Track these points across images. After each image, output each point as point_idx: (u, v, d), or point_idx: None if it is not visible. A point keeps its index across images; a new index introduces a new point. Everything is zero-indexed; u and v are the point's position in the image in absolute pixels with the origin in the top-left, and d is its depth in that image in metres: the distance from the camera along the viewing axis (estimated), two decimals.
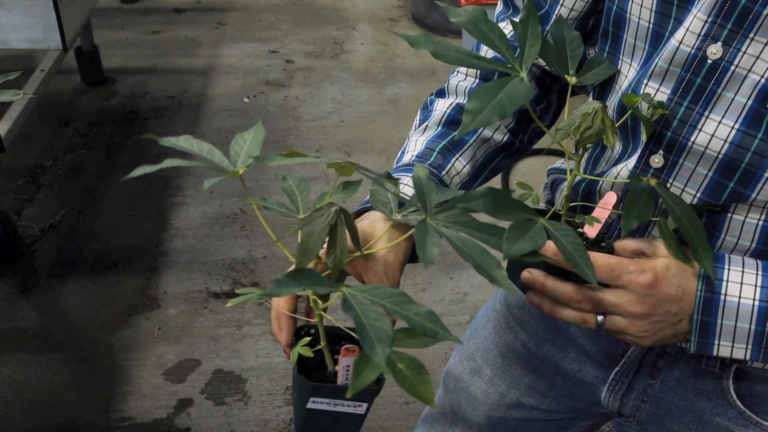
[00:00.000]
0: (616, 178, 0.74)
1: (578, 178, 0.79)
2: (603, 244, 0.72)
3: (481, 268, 0.57)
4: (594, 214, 0.73)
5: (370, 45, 3.71)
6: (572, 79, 0.72)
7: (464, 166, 0.83)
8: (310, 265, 0.63)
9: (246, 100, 3.16)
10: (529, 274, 0.70)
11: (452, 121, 0.84)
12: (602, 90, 0.80)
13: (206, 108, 3.08)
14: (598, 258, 0.66)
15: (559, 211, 0.72)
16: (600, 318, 0.69)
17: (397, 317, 0.55)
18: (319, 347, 0.66)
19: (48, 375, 1.88)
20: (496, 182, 2.71)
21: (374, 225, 0.72)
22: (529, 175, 2.75)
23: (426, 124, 0.85)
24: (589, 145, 0.66)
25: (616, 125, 0.72)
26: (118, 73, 3.32)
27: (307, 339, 0.67)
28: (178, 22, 3.89)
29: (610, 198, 0.73)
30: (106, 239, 2.35)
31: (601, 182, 0.76)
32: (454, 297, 2.19)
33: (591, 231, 0.72)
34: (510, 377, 0.96)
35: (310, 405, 0.64)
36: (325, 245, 0.63)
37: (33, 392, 1.83)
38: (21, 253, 2.25)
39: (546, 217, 0.70)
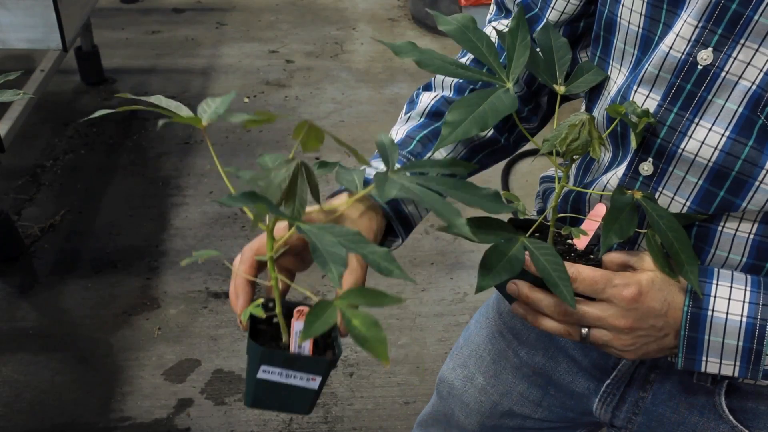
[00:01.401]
0: (605, 186, 0.73)
1: (567, 188, 0.78)
2: (591, 256, 0.71)
3: (441, 214, 0.56)
4: (583, 226, 0.72)
5: (370, 45, 3.71)
6: (560, 89, 0.71)
7: (449, 153, 0.82)
8: (269, 221, 0.62)
9: (246, 100, 3.16)
10: (515, 285, 0.69)
11: (435, 112, 0.83)
12: (592, 96, 0.79)
13: None
14: (582, 270, 0.66)
15: (548, 221, 0.72)
16: (584, 331, 0.68)
17: (353, 252, 0.54)
18: (272, 314, 0.64)
19: (48, 375, 1.88)
20: (496, 181, 2.72)
21: (344, 199, 0.71)
22: (530, 175, 2.75)
23: (409, 115, 0.84)
24: (576, 156, 0.66)
25: (606, 133, 0.72)
26: (118, 73, 3.32)
27: (261, 300, 0.64)
28: (178, 22, 3.89)
29: (600, 209, 0.72)
30: (106, 239, 2.35)
31: (589, 193, 0.76)
32: (454, 297, 2.19)
33: (580, 243, 0.72)
34: (502, 386, 0.96)
35: (260, 374, 0.62)
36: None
37: (33, 392, 1.83)
38: (21, 253, 2.25)
39: (532, 229, 0.70)
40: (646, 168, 0.69)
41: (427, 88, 0.87)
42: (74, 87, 3.20)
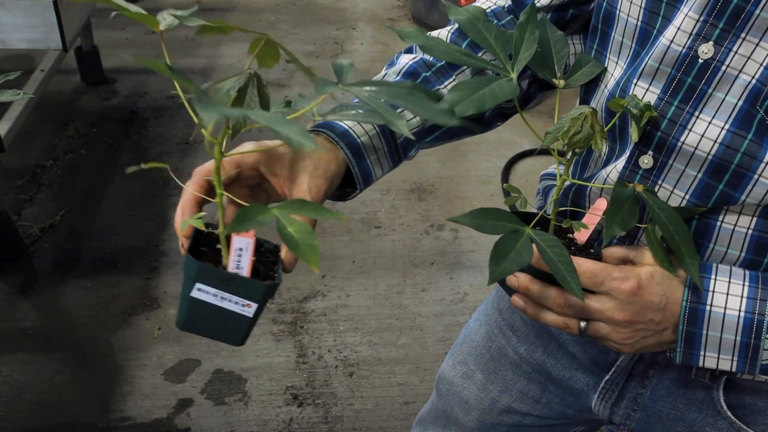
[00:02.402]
0: (605, 180, 0.74)
1: (568, 182, 0.78)
2: (592, 250, 0.71)
3: (382, 115, 0.55)
4: (584, 220, 0.72)
5: (370, 45, 3.71)
6: (560, 83, 0.71)
7: (414, 117, 0.78)
8: (215, 135, 0.59)
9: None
10: (515, 278, 0.69)
11: (412, 72, 0.80)
12: (588, 89, 0.79)
13: None
14: (582, 263, 0.66)
15: (548, 215, 0.72)
16: (583, 324, 0.69)
17: (271, 129, 0.51)
18: (215, 234, 0.61)
19: (48, 375, 1.88)
20: (496, 181, 2.72)
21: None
22: (530, 175, 2.75)
23: (385, 73, 0.82)
24: (578, 150, 0.66)
25: (607, 128, 0.72)
26: (118, 73, 3.32)
27: (203, 214, 0.62)
28: None
29: (601, 204, 0.72)
30: (106, 239, 2.35)
31: (590, 187, 0.76)
32: (454, 297, 2.19)
33: (581, 236, 0.72)
34: (502, 383, 0.96)
35: (194, 293, 0.59)
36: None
37: (33, 392, 1.83)
38: (21, 253, 2.25)
39: (533, 222, 0.70)
40: (646, 161, 0.70)
41: (408, 51, 0.84)
42: (74, 87, 3.20)
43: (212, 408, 1.82)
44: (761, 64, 0.62)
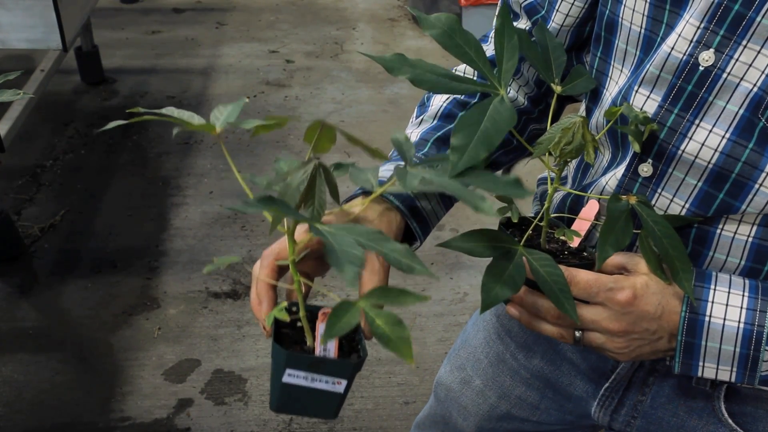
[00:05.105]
0: (604, 187, 0.73)
1: (565, 191, 0.78)
2: (585, 253, 0.71)
3: (466, 199, 0.54)
4: (574, 225, 0.72)
5: (370, 45, 3.71)
6: (557, 88, 0.70)
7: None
8: (288, 224, 0.61)
9: (246, 100, 3.16)
10: None
11: (448, 114, 0.82)
12: (592, 97, 0.78)
13: (206, 108, 3.08)
14: (576, 274, 0.65)
15: (541, 223, 0.72)
16: (578, 333, 0.68)
17: (372, 250, 0.53)
18: (296, 318, 0.63)
19: (48, 375, 1.88)
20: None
21: (359, 202, 0.71)
22: (530, 175, 2.75)
23: (422, 117, 0.84)
24: (569, 160, 0.66)
25: (601, 133, 0.71)
26: (118, 73, 3.32)
27: (285, 303, 0.64)
28: (178, 22, 3.89)
29: (592, 208, 0.72)
30: (106, 239, 2.35)
31: (586, 197, 0.75)
32: (454, 297, 2.19)
33: (573, 241, 0.72)
34: (500, 389, 0.95)
35: (285, 379, 0.61)
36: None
37: (33, 392, 1.83)
38: (21, 253, 2.25)
39: (528, 232, 0.69)
40: (646, 169, 0.69)
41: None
42: (74, 87, 3.20)
43: (212, 408, 1.82)
44: (763, 72, 0.61)
